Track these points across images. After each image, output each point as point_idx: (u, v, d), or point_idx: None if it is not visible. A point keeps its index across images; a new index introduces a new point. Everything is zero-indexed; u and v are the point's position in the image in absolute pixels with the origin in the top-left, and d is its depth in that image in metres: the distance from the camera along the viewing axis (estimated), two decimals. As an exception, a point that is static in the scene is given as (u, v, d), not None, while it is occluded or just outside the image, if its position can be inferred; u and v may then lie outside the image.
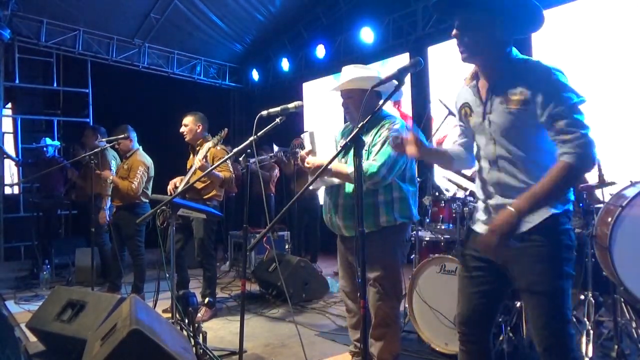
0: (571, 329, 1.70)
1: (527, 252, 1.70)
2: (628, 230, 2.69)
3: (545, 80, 1.63)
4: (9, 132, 7.64)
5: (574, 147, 1.57)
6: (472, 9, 1.68)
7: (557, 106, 1.60)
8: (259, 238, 1.76)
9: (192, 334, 2.82)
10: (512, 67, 1.71)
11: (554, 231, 1.69)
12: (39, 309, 3.16)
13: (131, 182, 4.41)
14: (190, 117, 4.19)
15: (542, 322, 1.70)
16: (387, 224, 2.49)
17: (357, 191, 1.63)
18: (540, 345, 1.72)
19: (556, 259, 1.68)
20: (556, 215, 1.68)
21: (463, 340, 1.92)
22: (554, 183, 1.61)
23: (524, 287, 1.73)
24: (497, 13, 1.67)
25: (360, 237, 1.61)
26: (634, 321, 2.89)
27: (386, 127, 2.47)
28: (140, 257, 4.58)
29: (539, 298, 1.70)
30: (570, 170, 1.58)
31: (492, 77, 1.75)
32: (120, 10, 7.19)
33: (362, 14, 7.12)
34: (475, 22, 1.68)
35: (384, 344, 2.54)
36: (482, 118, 1.79)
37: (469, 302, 1.88)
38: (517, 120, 1.68)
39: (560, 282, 1.68)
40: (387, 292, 2.50)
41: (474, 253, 1.87)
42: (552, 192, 1.62)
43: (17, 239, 7.16)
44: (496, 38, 1.70)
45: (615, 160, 3.94)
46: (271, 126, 2.55)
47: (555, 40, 5.06)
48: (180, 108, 4.46)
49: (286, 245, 5.74)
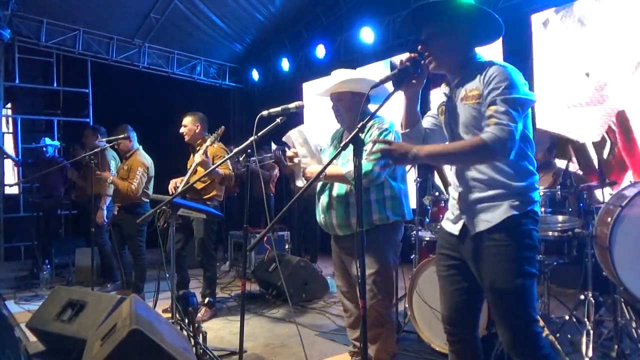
0: (536, 328, 1.73)
1: (488, 252, 1.75)
2: (628, 230, 2.69)
3: (496, 76, 1.70)
4: (9, 132, 7.64)
5: (496, 130, 1.64)
6: (436, 19, 1.79)
7: (496, 96, 1.67)
8: (259, 238, 1.76)
9: (192, 334, 2.82)
10: (474, 69, 1.79)
11: (514, 231, 1.73)
12: (39, 309, 3.16)
13: (130, 183, 4.41)
14: (189, 118, 4.19)
15: (505, 322, 1.75)
16: (380, 222, 2.50)
17: (358, 191, 1.63)
18: (506, 346, 1.76)
19: (518, 258, 1.72)
20: (517, 216, 1.73)
21: (450, 340, 1.96)
22: (460, 149, 1.73)
23: (487, 286, 1.77)
24: (459, 22, 1.79)
25: (360, 239, 1.62)
26: (634, 321, 2.89)
27: (376, 126, 2.49)
28: (141, 257, 4.59)
29: (501, 297, 1.74)
30: (481, 147, 1.65)
31: (458, 79, 1.86)
32: (120, 10, 7.18)
33: (362, 14, 7.12)
34: (440, 34, 1.80)
35: (380, 344, 2.53)
36: (448, 116, 1.89)
37: (450, 300, 1.92)
38: (476, 115, 1.76)
39: (522, 281, 1.71)
40: (380, 291, 2.50)
41: (447, 252, 1.93)
42: (454, 156, 1.76)
43: (17, 239, 7.16)
44: (460, 45, 1.82)
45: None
46: (272, 126, 2.55)
47: (556, 41, 5.06)
48: (180, 108, 4.46)
49: (286, 245, 5.75)
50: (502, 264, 1.72)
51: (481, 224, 1.76)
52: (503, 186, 1.75)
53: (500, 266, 1.72)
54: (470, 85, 1.78)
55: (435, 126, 2.00)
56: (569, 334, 3.06)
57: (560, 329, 3.10)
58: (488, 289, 1.77)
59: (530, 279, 1.73)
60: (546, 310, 3.27)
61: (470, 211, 1.81)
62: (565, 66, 4.97)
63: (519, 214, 1.72)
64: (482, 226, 1.75)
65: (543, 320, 2.98)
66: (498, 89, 1.67)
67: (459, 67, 1.85)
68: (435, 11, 1.79)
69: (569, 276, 4.10)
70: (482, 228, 1.75)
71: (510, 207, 1.72)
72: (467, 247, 1.83)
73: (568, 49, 4.94)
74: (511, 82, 1.68)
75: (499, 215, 1.73)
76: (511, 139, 1.63)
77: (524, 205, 1.74)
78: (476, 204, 1.79)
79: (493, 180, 1.76)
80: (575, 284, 3.31)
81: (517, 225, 1.73)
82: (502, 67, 1.72)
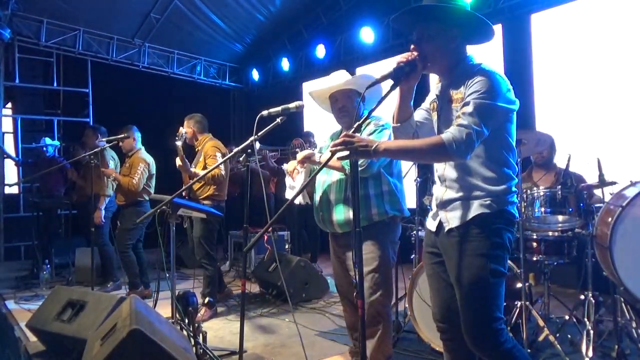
0: (498, 325, 1.76)
1: (457, 247, 1.81)
2: (628, 230, 2.69)
3: (478, 82, 1.74)
4: (9, 132, 7.63)
5: (455, 130, 1.68)
6: (429, 22, 1.83)
7: (471, 98, 1.71)
8: (256, 238, 1.75)
9: (192, 334, 2.82)
10: (463, 72, 1.83)
11: (483, 228, 1.78)
12: (39, 308, 3.15)
13: (132, 178, 4.54)
14: (185, 122, 4.30)
15: (465, 316, 1.79)
16: (378, 218, 2.50)
17: (354, 189, 1.65)
18: (466, 339, 1.80)
19: (484, 254, 1.77)
20: (487, 214, 1.78)
21: (444, 338, 2.00)
22: (419, 147, 1.78)
23: (453, 279, 1.83)
24: (451, 26, 1.82)
25: (357, 238, 1.64)
26: (634, 321, 2.89)
27: (372, 123, 2.52)
28: (126, 254, 4.65)
29: (464, 290, 1.79)
30: (438, 146, 1.70)
31: (447, 81, 1.90)
32: (120, 10, 7.18)
33: (362, 14, 7.12)
34: (432, 34, 1.82)
35: (377, 343, 2.52)
36: (437, 116, 1.95)
37: (439, 297, 1.97)
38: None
39: (485, 277, 1.75)
40: (379, 287, 2.50)
41: (430, 249, 2.00)
42: (412, 152, 1.81)
43: (17, 239, 7.16)
44: (451, 48, 1.85)
45: (615, 160, 3.94)
46: (272, 126, 2.55)
47: (555, 41, 5.06)
48: (180, 108, 4.49)
49: (286, 245, 5.74)
50: (467, 258, 1.78)
51: (452, 221, 1.83)
52: (478, 188, 1.80)
53: (465, 260, 1.79)
54: (457, 89, 1.83)
55: (426, 120, 2.04)
56: (569, 334, 3.06)
57: (560, 329, 3.10)
58: (454, 282, 1.83)
59: (496, 276, 1.77)
60: (546, 310, 3.27)
61: (444, 209, 1.88)
62: (565, 67, 4.97)
63: (489, 212, 1.78)
64: (453, 223, 1.83)
65: (543, 320, 2.99)
66: (477, 92, 1.72)
67: (449, 70, 1.89)
68: (428, 14, 1.83)
69: (569, 276, 4.11)
70: (453, 225, 1.83)
71: (480, 205, 1.79)
72: (441, 242, 1.91)
73: (568, 50, 4.94)
74: (491, 88, 1.72)
75: (470, 213, 1.79)
76: (467, 141, 1.67)
77: (497, 204, 1.78)
78: (450, 203, 1.86)
79: (470, 183, 1.82)
80: (575, 284, 3.32)
81: (486, 223, 1.78)
82: (488, 73, 1.76)
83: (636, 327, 2.87)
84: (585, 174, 3.65)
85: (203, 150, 4.14)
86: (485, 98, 1.70)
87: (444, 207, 1.89)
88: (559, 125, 4.84)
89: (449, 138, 1.67)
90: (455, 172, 1.85)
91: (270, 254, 5.07)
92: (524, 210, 3.06)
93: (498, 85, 1.74)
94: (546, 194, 3.03)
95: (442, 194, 1.90)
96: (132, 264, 4.68)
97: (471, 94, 1.72)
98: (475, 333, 1.77)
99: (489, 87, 1.72)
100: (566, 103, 4.94)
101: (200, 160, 4.14)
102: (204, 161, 4.11)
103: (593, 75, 4.71)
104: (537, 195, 3.05)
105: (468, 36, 1.86)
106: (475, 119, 1.68)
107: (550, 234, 3.13)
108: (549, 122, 5.03)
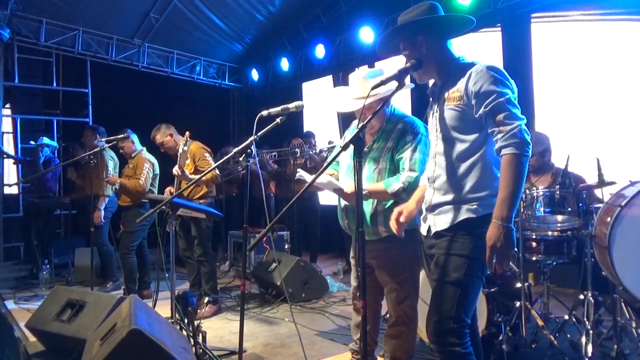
0: (460, 327, 1.77)
1: (441, 246, 1.85)
2: (627, 230, 2.69)
3: (478, 76, 1.76)
4: (9, 132, 7.62)
5: (509, 137, 1.68)
6: (406, 41, 1.94)
7: (492, 100, 1.72)
8: (258, 239, 1.77)
9: (191, 333, 2.82)
10: (455, 71, 1.87)
11: (469, 232, 1.80)
12: (39, 308, 3.16)
13: (138, 179, 4.54)
14: (156, 134, 4.22)
15: (432, 309, 1.83)
16: (407, 227, 2.48)
17: (357, 192, 1.64)
18: (428, 332, 1.86)
19: (464, 256, 1.79)
20: (473, 219, 1.80)
21: None
22: (513, 181, 1.69)
23: (434, 278, 1.87)
24: (420, 32, 1.89)
25: (360, 239, 1.64)
26: (633, 321, 2.88)
27: (409, 131, 2.45)
28: (128, 256, 4.62)
29: (437, 286, 1.83)
30: (516, 163, 1.67)
31: (441, 81, 1.95)
32: (120, 10, 7.17)
33: (362, 14, 7.11)
34: (405, 47, 1.95)
35: (400, 342, 2.55)
36: (432, 117, 1.99)
37: None
38: (456, 116, 1.84)
39: (460, 277, 1.78)
40: (408, 294, 2.52)
41: (427, 251, 2.02)
42: (517, 190, 1.69)
43: (17, 239, 7.15)
44: (431, 50, 1.91)
45: (615, 160, 3.94)
46: (271, 126, 2.55)
47: (555, 41, 5.06)
48: (180, 108, 4.49)
49: (286, 245, 5.74)
50: (447, 257, 1.82)
51: (440, 224, 1.87)
52: (466, 192, 1.82)
53: (446, 258, 1.82)
54: (452, 87, 1.85)
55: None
56: (568, 333, 3.06)
57: (560, 328, 3.10)
58: (434, 281, 1.86)
59: (472, 279, 1.79)
60: (546, 310, 3.27)
61: (432, 212, 1.92)
62: (565, 67, 4.97)
63: (476, 217, 1.79)
64: (440, 226, 1.87)
65: (542, 320, 2.99)
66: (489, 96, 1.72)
67: (442, 71, 1.93)
68: (393, 36, 1.97)
69: (568, 276, 4.11)
70: (440, 228, 1.87)
71: (467, 210, 1.81)
72: (430, 244, 1.95)
73: (568, 50, 4.94)
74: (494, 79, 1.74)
75: (457, 218, 1.82)
76: (522, 136, 1.67)
77: (483, 208, 1.79)
78: (438, 207, 1.89)
79: (457, 186, 1.84)
80: (575, 284, 3.32)
81: (473, 227, 1.80)
82: (486, 68, 1.78)
83: (636, 326, 2.86)
84: (585, 174, 3.65)
85: (190, 152, 4.04)
86: (501, 95, 1.71)
87: (432, 211, 1.92)
88: (559, 125, 4.84)
89: (511, 150, 1.67)
90: (444, 174, 1.88)
91: (269, 253, 5.07)
92: (523, 210, 3.07)
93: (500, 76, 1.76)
94: (545, 193, 3.03)
95: (430, 197, 1.94)
96: (132, 268, 4.64)
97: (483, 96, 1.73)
98: (435, 327, 1.81)
99: (494, 79, 1.74)
100: (566, 103, 4.94)
101: (188, 162, 4.02)
102: (192, 164, 4.08)
103: (593, 76, 4.71)
104: (536, 195, 3.06)
105: (443, 35, 1.92)
106: (507, 112, 1.69)
107: (550, 233, 3.13)
108: (548, 122, 5.03)
